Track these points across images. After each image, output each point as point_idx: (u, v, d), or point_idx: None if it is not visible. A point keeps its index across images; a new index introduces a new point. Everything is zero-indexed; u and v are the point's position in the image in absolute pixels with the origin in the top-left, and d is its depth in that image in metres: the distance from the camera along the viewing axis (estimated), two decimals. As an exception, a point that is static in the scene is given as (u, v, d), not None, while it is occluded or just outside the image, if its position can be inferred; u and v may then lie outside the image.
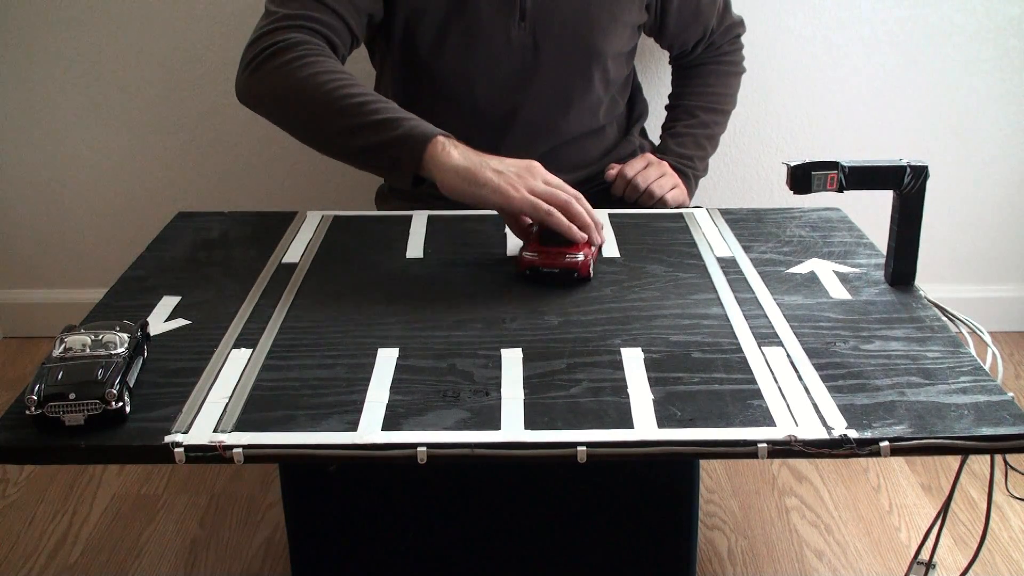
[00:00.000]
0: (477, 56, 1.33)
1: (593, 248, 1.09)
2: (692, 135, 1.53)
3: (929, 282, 1.22)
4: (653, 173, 1.44)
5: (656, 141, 1.58)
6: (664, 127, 1.57)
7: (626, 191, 1.44)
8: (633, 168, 1.44)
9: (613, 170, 1.45)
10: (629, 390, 0.86)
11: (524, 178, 1.08)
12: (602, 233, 1.11)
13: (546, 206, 1.07)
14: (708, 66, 1.55)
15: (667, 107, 1.60)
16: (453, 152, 1.10)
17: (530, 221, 1.12)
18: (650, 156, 1.48)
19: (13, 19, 1.78)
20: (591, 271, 1.08)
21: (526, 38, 1.33)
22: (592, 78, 1.39)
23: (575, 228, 1.07)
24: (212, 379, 0.89)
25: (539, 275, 1.08)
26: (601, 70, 1.40)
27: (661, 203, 1.43)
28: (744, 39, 1.57)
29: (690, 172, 1.50)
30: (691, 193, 1.51)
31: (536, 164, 1.11)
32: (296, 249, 1.18)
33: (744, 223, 1.25)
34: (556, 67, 1.36)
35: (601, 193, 1.48)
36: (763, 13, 1.77)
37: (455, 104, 1.37)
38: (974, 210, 1.94)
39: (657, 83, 1.78)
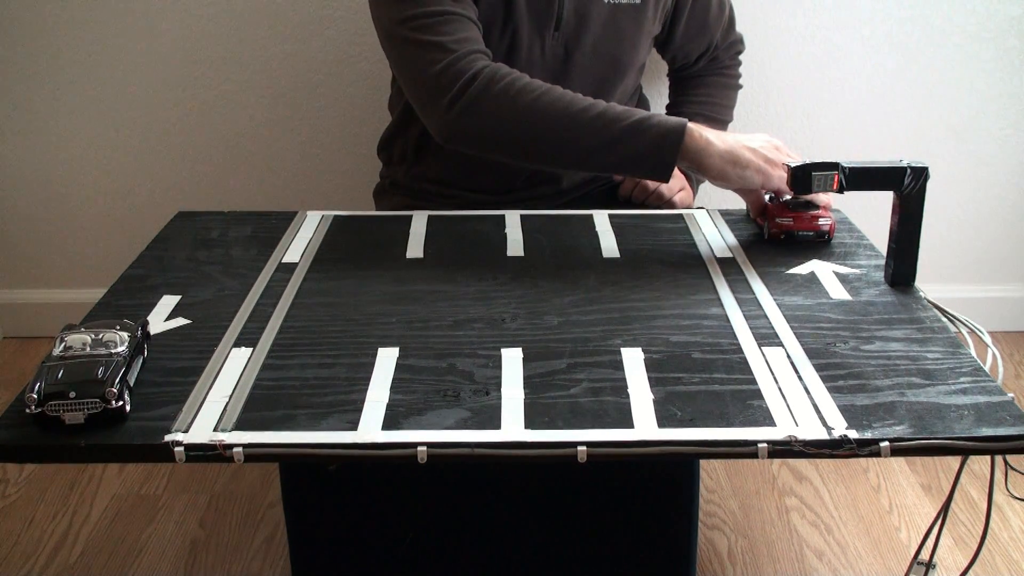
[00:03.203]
0: (514, 64, 1.32)
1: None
2: None
3: (929, 282, 1.22)
4: None
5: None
6: None
7: (634, 192, 1.45)
8: None
9: None
10: (629, 390, 0.86)
11: (772, 154, 1.15)
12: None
13: None
14: (709, 77, 1.56)
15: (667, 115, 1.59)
16: (710, 137, 1.15)
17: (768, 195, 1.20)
18: None
19: (13, 19, 1.78)
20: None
21: (558, 48, 1.33)
22: (615, 90, 1.40)
23: (821, 194, 1.12)
24: (212, 378, 0.89)
25: (793, 239, 1.17)
26: (622, 82, 1.40)
27: (669, 205, 1.43)
28: (744, 39, 1.57)
29: (692, 176, 1.50)
30: (693, 196, 1.52)
31: (773, 138, 1.18)
32: (296, 249, 1.18)
33: (744, 223, 1.25)
34: (582, 78, 1.36)
35: (607, 193, 1.48)
36: (763, 12, 1.77)
37: None
38: (974, 210, 1.94)
39: (658, 83, 1.78)
